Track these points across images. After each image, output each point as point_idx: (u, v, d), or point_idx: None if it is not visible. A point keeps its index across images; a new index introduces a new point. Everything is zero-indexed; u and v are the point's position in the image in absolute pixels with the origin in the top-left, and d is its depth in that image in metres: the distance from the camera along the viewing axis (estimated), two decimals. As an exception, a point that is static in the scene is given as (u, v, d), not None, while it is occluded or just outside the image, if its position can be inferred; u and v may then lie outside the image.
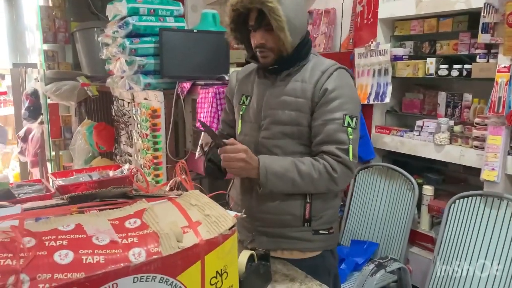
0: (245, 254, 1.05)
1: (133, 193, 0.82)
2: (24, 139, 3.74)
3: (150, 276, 0.63)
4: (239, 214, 0.77)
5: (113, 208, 0.73)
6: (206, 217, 0.74)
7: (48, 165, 3.67)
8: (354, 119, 1.17)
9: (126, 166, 2.05)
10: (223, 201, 1.57)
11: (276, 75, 1.25)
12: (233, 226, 0.73)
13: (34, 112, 3.54)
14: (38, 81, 3.53)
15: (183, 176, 0.89)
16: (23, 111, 3.58)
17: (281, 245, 1.27)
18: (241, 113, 1.31)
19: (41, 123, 3.57)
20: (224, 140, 1.15)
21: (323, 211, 1.25)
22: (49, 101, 3.50)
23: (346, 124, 1.15)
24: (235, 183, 1.38)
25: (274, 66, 1.22)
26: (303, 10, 1.21)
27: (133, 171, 1.91)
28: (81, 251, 0.60)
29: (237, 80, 1.37)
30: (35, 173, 3.73)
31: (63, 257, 0.58)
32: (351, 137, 1.15)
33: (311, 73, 1.21)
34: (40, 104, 3.55)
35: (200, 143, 1.10)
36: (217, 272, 0.72)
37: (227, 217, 0.74)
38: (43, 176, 3.42)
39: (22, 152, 3.80)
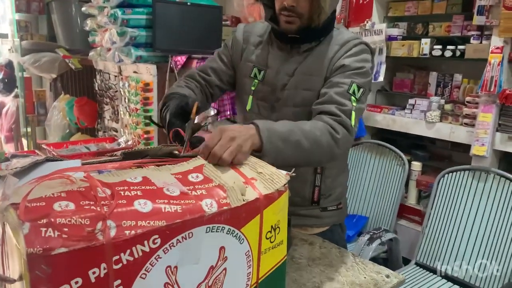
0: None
1: (178, 154, 0.82)
2: (-3, 113, 3.55)
3: (220, 227, 0.64)
4: (290, 172, 0.78)
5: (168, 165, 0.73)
6: (260, 175, 0.76)
7: (24, 141, 3.51)
8: (361, 90, 1.04)
9: (123, 139, 2.01)
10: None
11: (292, 47, 1.13)
12: (285, 183, 0.75)
13: (8, 84, 3.35)
14: (12, 51, 3.33)
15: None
16: (-4, 83, 3.38)
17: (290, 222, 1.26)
18: (252, 88, 1.19)
19: (16, 96, 3.39)
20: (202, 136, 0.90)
21: (331, 190, 1.24)
22: (25, 74, 3.32)
23: (351, 92, 1.02)
24: None
25: (295, 36, 1.10)
26: None
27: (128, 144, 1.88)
28: (158, 201, 0.60)
29: (245, 41, 1.21)
30: (10, 149, 3.55)
31: (143, 205, 0.58)
32: (354, 104, 1.02)
33: (330, 47, 1.11)
34: (14, 76, 3.36)
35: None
36: (271, 226, 0.74)
37: (280, 175, 0.76)
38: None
39: (-6, 127, 3.61)
